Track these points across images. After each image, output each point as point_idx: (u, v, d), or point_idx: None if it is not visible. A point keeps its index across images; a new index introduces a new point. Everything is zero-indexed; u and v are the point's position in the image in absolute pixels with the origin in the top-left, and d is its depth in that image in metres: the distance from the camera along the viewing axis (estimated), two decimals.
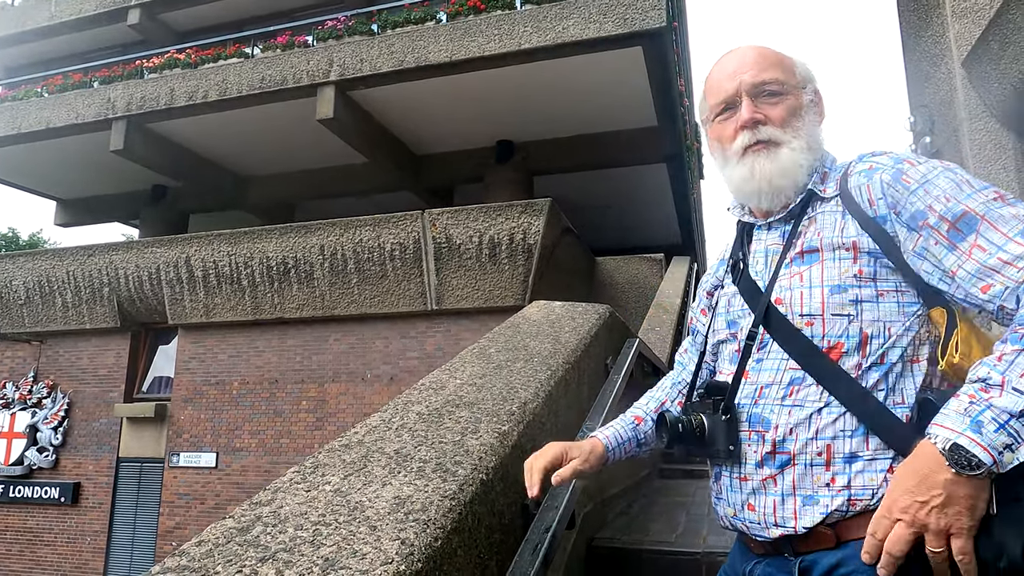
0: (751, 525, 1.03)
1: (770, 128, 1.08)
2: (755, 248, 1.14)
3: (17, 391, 11.44)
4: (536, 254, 8.86)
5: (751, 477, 1.03)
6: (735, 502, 1.06)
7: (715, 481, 1.12)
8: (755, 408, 1.04)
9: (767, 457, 1.01)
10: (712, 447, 1.06)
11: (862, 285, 1.00)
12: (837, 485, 0.96)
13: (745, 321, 1.10)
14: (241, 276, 10.03)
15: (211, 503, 9.96)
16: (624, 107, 10.73)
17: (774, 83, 1.09)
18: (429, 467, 1.20)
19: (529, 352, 1.96)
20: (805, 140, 1.09)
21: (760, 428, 1.02)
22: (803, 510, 0.98)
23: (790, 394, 1.01)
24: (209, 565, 0.89)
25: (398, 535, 0.97)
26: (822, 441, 0.97)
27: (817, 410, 0.98)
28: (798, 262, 1.05)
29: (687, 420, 1.08)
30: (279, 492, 1.10)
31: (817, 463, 0.97)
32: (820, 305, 1.00)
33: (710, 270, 1.32)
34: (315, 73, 10.19)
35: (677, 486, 4.45)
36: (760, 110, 1.09)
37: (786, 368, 1.02)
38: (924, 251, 0.96)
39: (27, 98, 12.35)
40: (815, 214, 1.07)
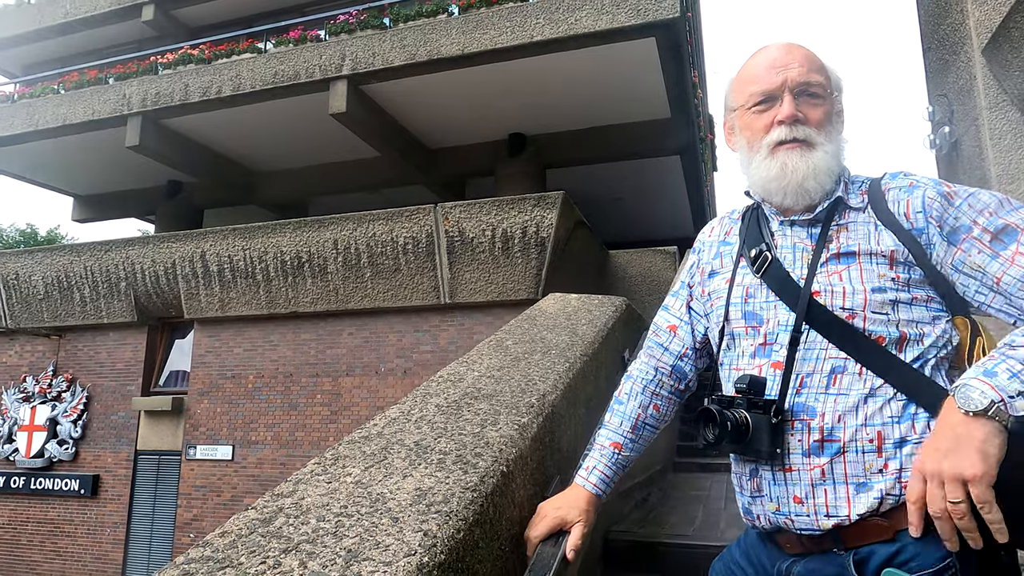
0: (798, 519, 1.01)
1: (808, 128, 1.08)
2: (781, 243, 1.12)
3: (37, 385, 11.61)
4: (549, 247, 8.84)
5: (797, 468, 1.02)
6: (780, 496, 1.03)
7: (750, 478, 1.09)
8: (797, 398, 1.03)
9: (815, 446, 1.00)
10: (755, 446, 1.04)
11: (899, 289, 1.02)
12: (890, 470, 0.97)
13: (771, 313, 1.08)
14: (256, 270, 10.10)
15: (228, 495, 10.06)
16: (637, 99, 10.67)
17: (818, 86, 1.10)
18: (449, 459, 1.19)
19: (546, 344, 1.95)
20: (836, 146, 1.10)
21: (805, 417, 1.02)
22: (856, 497, 0.97)
23: (833, 382, 1.01)
24: (233, 556, 0.89)
25: (420, 527, 0.96)
26: (872, 428, 0.98)
27: (863, 397, 0.99)
28: (835, 262, 1.05)
29: (733, 417, 1.05)
30: (300, 484, 1.10)
31: (869, 450, 0.98)
32: (863, 302, 1.01)
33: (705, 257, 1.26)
34: (327, 68, 10.21)
35: (692, 479, 4.44)
36: (800, 109, 1.09)
37: (826, 357, 1.02)
38: (962, 263, 0.99)
39: (44, 95, 12.48)
40: (845, 222, 1.08)
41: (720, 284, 1.19)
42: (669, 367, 1.30)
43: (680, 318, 1.30)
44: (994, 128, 6.00)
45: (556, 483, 1.47)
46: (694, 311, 1.28)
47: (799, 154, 1.08)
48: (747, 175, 1.15)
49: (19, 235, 25.48)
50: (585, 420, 1.87)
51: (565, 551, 1.15)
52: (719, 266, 1.21)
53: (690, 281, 1.30)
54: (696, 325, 1.28)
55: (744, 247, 1.17)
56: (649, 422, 1.30)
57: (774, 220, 1.15)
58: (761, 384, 1.05)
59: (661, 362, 1.31)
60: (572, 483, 1.29)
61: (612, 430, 1.29)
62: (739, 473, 1.13)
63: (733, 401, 1.07)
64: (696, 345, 1.29)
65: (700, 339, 1.28)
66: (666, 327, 1.32)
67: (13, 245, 23.35)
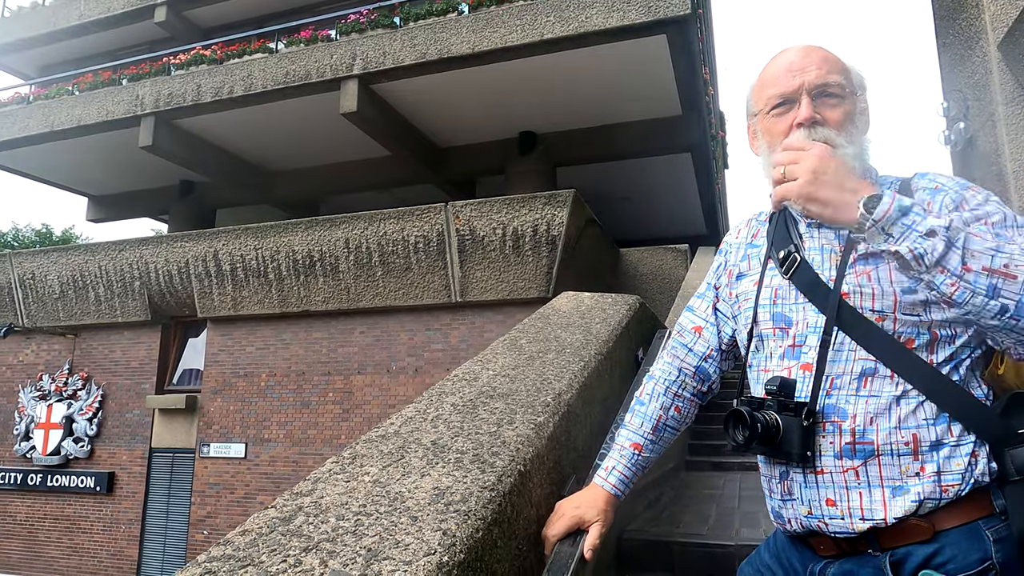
0: (832, 522, 1.00)
1: (826, 130, 1.07)
2: (809, 245, 1.11)
3: (53, 383, 11.74)
4: (560, 245, 8.83)
5: (828, 470, 1.01)
6: (812, 499, 1.02)
7: (780, 481, 1.08)
8: (828, 399, 1.02)
9: (847, 448, 1.00)
10: (786, 449, 1.03)
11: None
12: (928, 473, 0.96)
13: (800, 315, 1.08)
14: (268, 269, 10.16)
15: (241, 493, 10.14)
16: (648, 97, 10.63)
17: (836, 86, 1.09)
18: (467, 458, 1.20)
19: (561, 343, 1.95)
20: (857, 147, 1.08)
21: (836, 418, 1.01)
22: (893, 500, 0.96)
23: (864, 384, 1.00)
24: (254, 554, 0.90)
25: (439, 526, 0.97)
26: (907, 431, 0.97)
27: (895, 399, 0.98)
28: (863, 263, 1.04)
29: (763, 419, 1.04)
30: (319, 483, 1.11)
31: (905, 452, 0.97)
32: (892, 304, 1.00)
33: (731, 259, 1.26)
34: (338, 67, 10.25)
35: (705, 478, 4.42)
36: (819, 111, 1.08)
37: (855, 359, 1.01)
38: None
39: (59, 96, 12.61)
40: None
41: (748, 286, 1.18)
42: (693, 368, 1.29)
43: (705, 319, 1.29)
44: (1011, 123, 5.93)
45: (572, 482, 1.47)
46: (720, 312, 1.28)
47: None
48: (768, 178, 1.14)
49: (35, 235, 25.76)
50: (600, 419, 1.86)
51: (583, 550, 1.15)
52: (747, 268, 1.21)
53: (716, 283, 1.29)
54: (722, 327, 1.27)
55: (772, 249, 1.16)
56: (670, 424, 1.29)
57: (802, 221, 1.14)
58: (791, 386, 1.05)
59: (685, 363, 1.30)
60: (591, 483, 1.28)
61: (633, 431, 1.28)
62: (769, 476, 1.12)
63: (763, 403, 1.06)
64: (721, 347, 1.28)
65: (726, 341, 1.27)
66: (691, 328, 1.31)
67: (29, 245, 23.61)
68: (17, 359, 12.21)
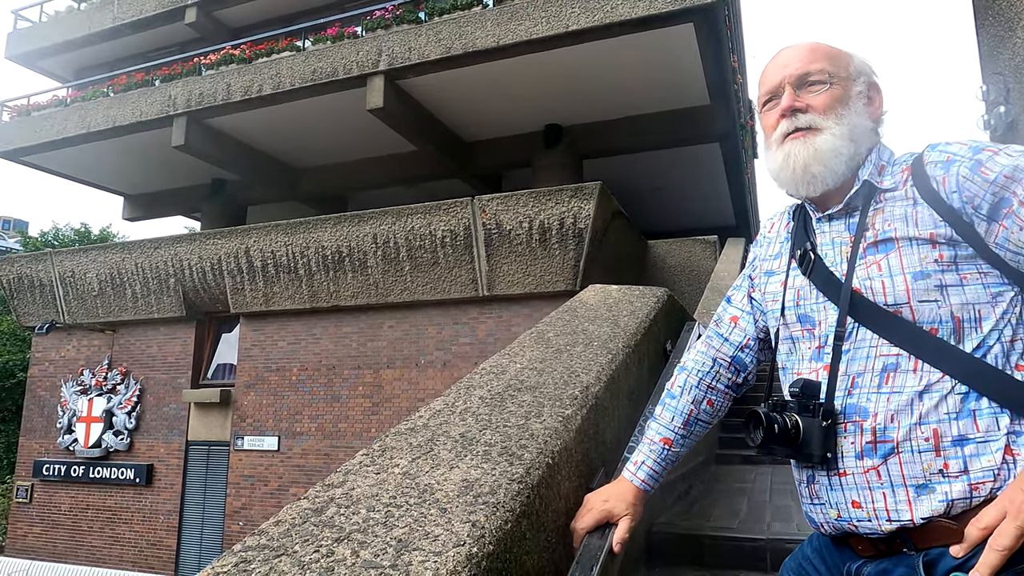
0: (861, 524, 0.98)
1: (811, 115, 1.08)
2: (821, 240, 1.10)
3: (94, 378, 12.09)
4: (587, 238, 8.79)
5: (851, 471, 0.99)
6: (838, 501, 1.01)
7: (807, 485, 1.07)
8: (849, 399, 1.00)
9: (867, 448, 0.97)
10: (805, 451, 1.01)
11: (944, 271, 0.96)
12: (952, 471, 0.92)
13: (822, 315, 1.06)
14: (298, 265, 10.30)
15: (274, 485, 10.34)
16: (675, 86, 10.50)
17: (819, 73, 1.09)
18: (495, 451, 1.20)
19: (588, 336, 1.94)
20: (847, 128, 1.06)
21: (857, 418, 0.99)
22: (918, 500, 0.93)
23: (886, 381, 0.97)
24: (288, 544, 0.92)
25: (468, 518, 0.97)
26: (927, 426, 0.94)
27: (917, 394, 0.95)
28: (872, 252, 1.01)
29: (782, 420, 1.02)
30: (350, 474, 1.13)
31: (925, 449, 0.93)
32: (905, 292, 0.97)
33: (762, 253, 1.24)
34: (364, 63, 10.32)
35: (735, 472, 4.37)
36: (801, 99, 1.09)
37: (876, 355, 0.99)
38: (1007, 240, 0.94)
39: (94, 98, 12.92)
40: (881, 205, 1.03)
41: (776, 287, 1.16)
42: (728, 358, 1.27)
43: (742, 309, 1.28)
44: None
45: (600, 475, 1.46)
46: (756, 303, 1.26)
47: (802, 142, 1.07)
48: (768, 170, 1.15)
49: (74, 234, 26.48)
50: (628, 412, 1.86)
51: (612, 544, 1.15)
52: (777, 266, 1.19)
53: (752, 273, 1.27)
54: (758, 316, 1.25)
55: (793, 247, 1.15)
56: (702, 418, 1.27)
57: (813, 216, 1.12)
58: (814, 388, 1.03)
59: (720, 353, 1.28)
60: (619, 476, 1.28)
61: (663, 424, 1.27)
62: (799, 480, 1.10)
63: (787, 405, 1.05)
64: (758, 335, 1.26)
65: (763, 331, 1.25)
66: (728, 318, 1.29)
67: (68, 244, 24.28)
68: (59, 355, 12.59)
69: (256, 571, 0.85)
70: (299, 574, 0.84)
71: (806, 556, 1.13)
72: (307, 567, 0.86)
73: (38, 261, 12.52)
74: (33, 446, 12.40)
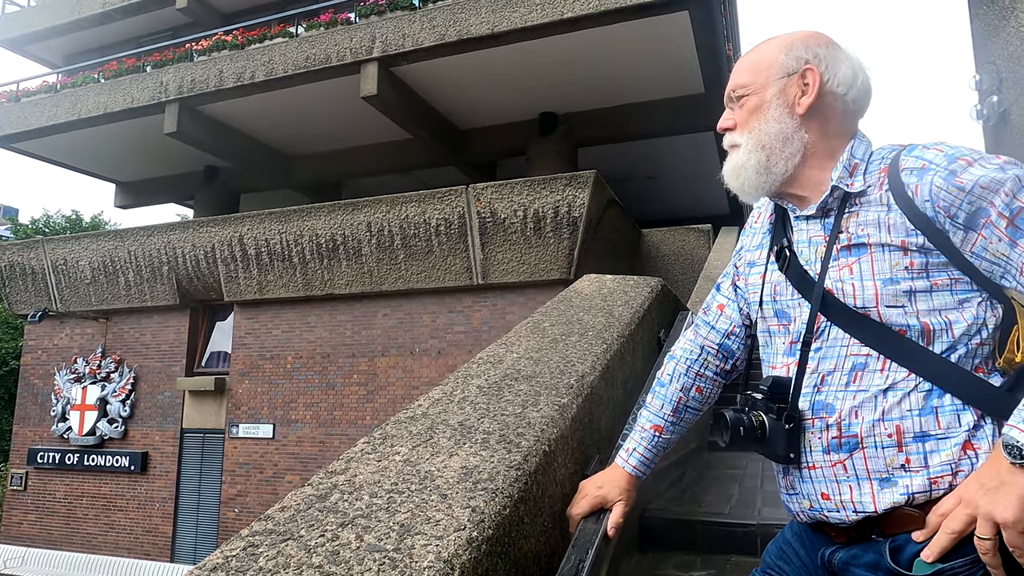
0: (830, 514, 1.02)
1: (733, 134, 1.14)
2: (798, 238, 1.11)
3: (87, 366, 12.07)
4: (581, 227, 8.81)
5: (819, 465, 1.02)
6: (809, 493, 1.04)
7: (783, 475, 1.11)
8: (818, 396, 1.02)
9: (833, 443, 1.00)
10: (773, 450, 1.05)
11: (914, 277, 0.97)
12: (913, 466, 0.95)
13: (796, 312, 1.08)
14: (292, 253, 10.29)
15: (269, 472, 10.38)
16: (670, 75, 10.49)
17: (739, 88, 1.13)
18: (493, 438, 1.23)
19: (583, 326, 1.97)
20: (755, 140, 1.09)
21: (824, 414, 1.01)
22: (881, 492, 0.97)
23: (854, 380, 1.00)
24: (293, 529, 0.94)
25: (468, 503, 1.00)
26: (890, 422, 0.96)
27: (882, 391, 0.97)
28: (845, 255, 1.02)
29: (747, 420, 1.05)
30: (352, 462, 1.15)
31: (888, 444, 0.96)
32: (874, 297, 0.98)
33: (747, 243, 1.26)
34: (358, 50, 10.26)
35: (727, 458, 4.43)
36: (733, 115, 1.15)
37: (847, 354, 1.01)
38: (984, 250, 0.95)
39: (85, 84, 12.80)
40: (856, 208, 1.04)
41: (756, 279, 1.18)
42: (716, 346, 1.29)
43: (728, 297, 1.29)
44: None
45: (596, 462, 1.50)
46: (740, 290, 1.27)
47: (728, 159, 1.15)
48: None
49: (65, 221, 26.30)
50: (622, 401, 1.89)
51: (606, 528, 1.19)
52: (758, 257, 1.20)
53: (737, 262, 1.29)
54: (743, 305, 1.27)
55: (772, 241, 1.17)
56: (691, 405, 1.30)
57: (791, 214, 1.14)
58: (783, 386, 1.05)
59: (708, 340, 1.30)
60: (612, 463, 1.31)
61: (653, 412, 1.30)
62: (776, 470, 1.14)
63: (756, 403, 1.07)
64: (744, 323, 1.28)
65: (749, 317, 1.26)
66: (715, 306, 1.31)
67: (60, 231, 24.11)
68: (52, 343, 12.56)
69: (264, 555, 0.88)
70: (306, 557, 0.87)
71: (787, 540, 1.17)
72: (313, 551, 0.89)
73: (29, 248, 12.45)
74: (27, 434, 12.40)
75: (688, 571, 2.40)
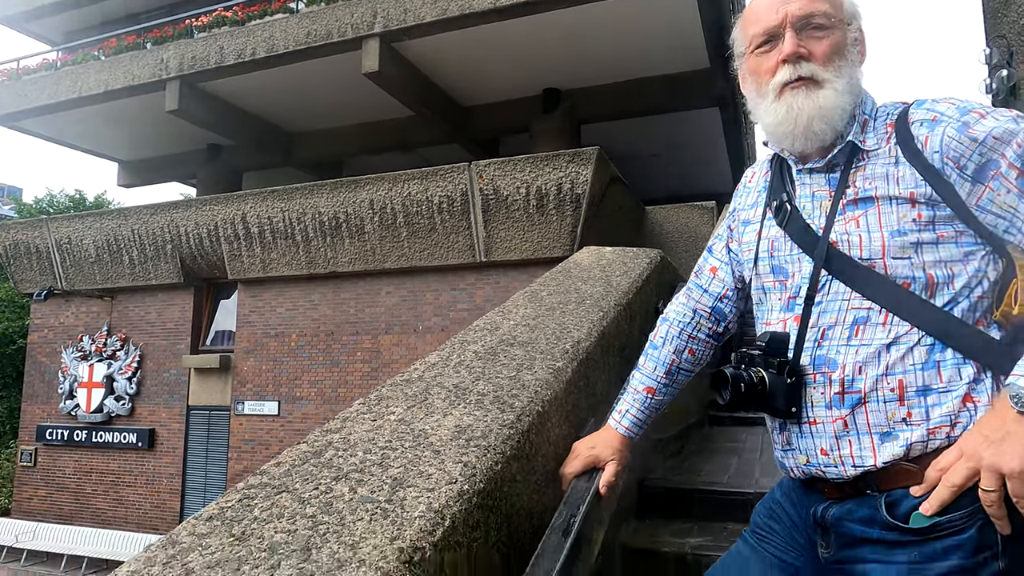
0: (828, 469, 1.02)
1: (813, 65, 1.03)
2: (800, 192, 1.10)
3: (93, 344, 12.16)
4: (584, 204, 8.78)
5: (820, 420, 1.02)
6: (807, 448, 1.04)
7: (780, 432, 1.10)
8: (819, 350, 1.02)
9: (835, 399, 1.00)
10: (772, 405, 1.04)
11: (921, 229, 0.98)
12: (915, 419, 0.96)
13: (795, 266, 1.07)
14: (295, 231, 10.29)
15: (275, 448, 10.49)
16: (674, 49, 10.36)
17: (821, 16, 1.03)
18: (487, 399, 1.25)
19: (581, 295, 1.98)
20: (847, 81, 1.04)
21: (826, 369, 1.01)
22: (881, 447, 0.97)
23: (856, 334, 1.00)
24: (288, 483, 0.96)
25: (460, 459, 1.02)
26: (893, 377, 0.96)
27: (885, 346, 0.97)
28: (852, 208, 1.02)
29: (747, 376, 1.05)
30: (347, 421, 1.17)
31: (890, 399, 0.96)
32: (881, 248, 0.98)
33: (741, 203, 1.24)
34: (359, 26, 10.15)
35: (728, 432, 4.45)
36: (804, 44, 1.03)
37: (848, 308, 1.01)
38: (991, 202, 0.95)
39: (85, 62, 12.72)
40: (864, 163, 1.03)
41: (751, 236, 1.17)
42: (708, 309, 1.30)
43: (721, 259, 1.30)
44: None
45: (590, 426, 1.51)
46: (733, 252, 1.27)
47: (804, 94, 1.03)
48: (758, 122, 1.12)
49: (68, 201, 26.30)
50: (619, 367, 1.90)
51: (599, 486, 1.20)
52: (753, 216, 1.19)
53: (731, 224, 1.29)
54: (735, 267, 1.27)
55: (769, 197, 1.15)
56: (684, 367, 1.31)
57: (794, 168, 1.12)
58: (781, 341, 1.05)
59: (700, 303, 1.31)
60: (605, 424, 1.32)
61: (646, 375, 1.31)
62: (771, 427, 1.14)
63: (754, 359, 1.06)
64: (737, 285, 1.28)
65: (742, 279, 1.27)
66: (707, 269, 1.32)
67: (63, 211, 24.13)
68: (58, 321, 12.64)
69: (258, 506, 0.90)
70: (299, 508, 0.89)
71: (776, 499, 1.18)
72: (307, 502, 0.90)
73: (34, 228, 12.48)
74: (35, 411, 12.54)
75: (685, 538, 2.42)
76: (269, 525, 0.85)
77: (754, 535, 1.18)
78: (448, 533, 0.87)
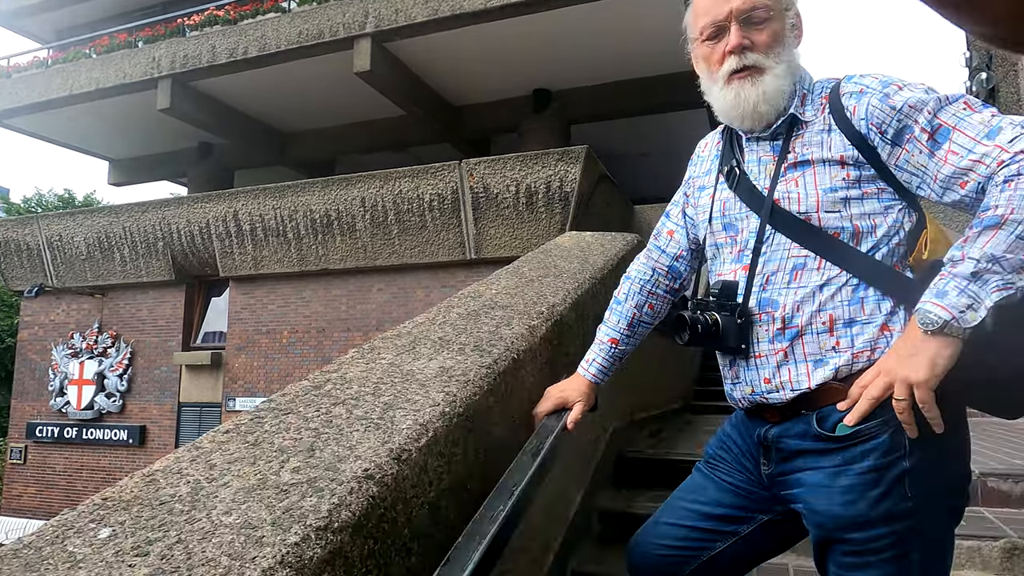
0: (770, 395, 1.18)
1: (755, 54, 1.18)
2: (748, 158, 1.26)
3: (84, 341, 12.19)
4: (573, 202, 8.94)
5: (765, 354, 1.18)
6: (752, 379, 1.20)
7: (730, 368, 1.26)
8: (764, 294, 1.18)
9: (778, 334, 1.16)
10: (725, 343, 1.20)
11: (849, 187, 1.14)
12: (842, 347, 1.13)
13: (744, 223, 1.24)
14: (287, 229, 10.39)
15: None
16: (664, 50, 10.52)
17: (762, 9, 1.18)
18: (468, 347, 1.39)
19: (559, 270, 2.13)
20: (786, 65, 1.19)
21: (770, 309, 1.18)
22: (815, 371, 1.14)
23: (795, 278, 1.16)
24: (293, 407, 1.10)
25: (443, 389, 1.17)
26: (825, 312, 1.13)
27: (819, 287, 1.14)
28: (792, 171, 1.18)
29: (703, 319, 1.21)
30: (343, 364, 1.31)
31: (822, 331, 1.13)
32: (815, 203, 1.15)
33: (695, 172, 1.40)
34: (351, 25, 10.28)
35: (708, 419, 4.62)
36: (748, 35, 1.18)
37: (788, 256, 1.17)
38: (907, 162, 1.11)
39: (77, 60, 12.76)
40: (802, 132, 1.19)
41: (706, 200, 1.33)
42: (666, 268, 1.46)
43: (677, 223, 1.46)
44: None
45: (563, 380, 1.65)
46: (689, 217, 1.43)
47: (750, 82, 1.18)
48: (711, 103, 1.28)
49: (58, 200, 26.23)
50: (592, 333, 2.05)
51: (566, 422, 1.35)
52: (707, 181, 1.35)
53: (687, 191, 1.45)
54: (690, 229, 1.43)
55: (721, 164, 1.31)
56: (644, 320, 1.47)
57: (744, 138, 1.28)
58: (732, 288, 1.22)
59: (659, 263, 1.47)
60: (575, 373, 1.47)
61: (611, 327, 1.47)
62: (722, 365, 1.30)
63: (708, 304, 1.23)
64: (691, 247, 1.44)
65: (696, 241, 1.43)
66: (665, 232, 1.48)
67: (53, 210, 24.06)
68: (49, 318, 12.66)
69: (268, 422, 1.04)
70: (304, 424, 1.03)
71: (726, 432, 1.34)
72: (310, 420, 1.05)
73: (24, 225, 12.51)
74: (25, 408, 12.55)
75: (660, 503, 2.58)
76: (278, 435, 0.99)
77: (707, 464, 1.34)
78: (431, 443, 1.02)
